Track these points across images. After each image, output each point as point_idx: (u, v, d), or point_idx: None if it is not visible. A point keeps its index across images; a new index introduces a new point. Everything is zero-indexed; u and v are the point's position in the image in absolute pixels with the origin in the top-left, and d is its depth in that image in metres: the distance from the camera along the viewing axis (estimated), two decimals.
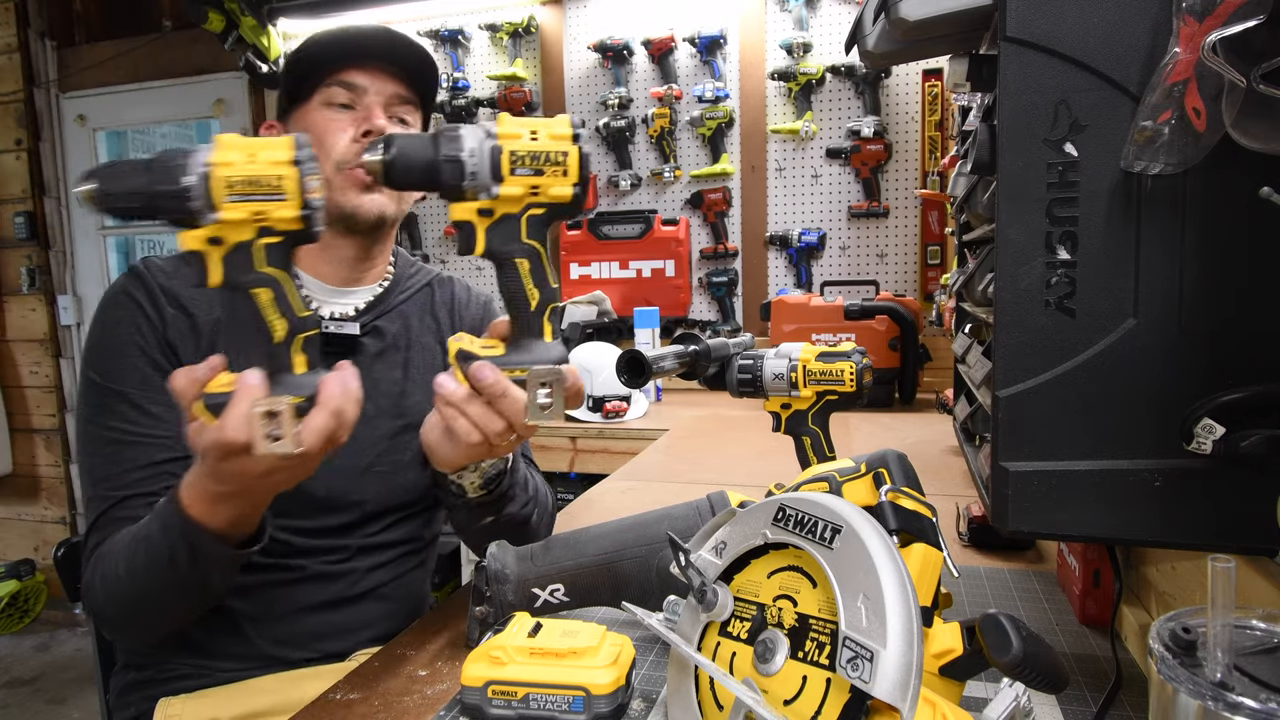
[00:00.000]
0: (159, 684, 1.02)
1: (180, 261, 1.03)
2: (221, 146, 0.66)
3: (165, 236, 4.45)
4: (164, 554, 0.82)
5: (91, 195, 0.66)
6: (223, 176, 0.65)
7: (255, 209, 0.66)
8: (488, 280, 3.26)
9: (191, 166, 0.65)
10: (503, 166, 0.71)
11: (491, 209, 0.73)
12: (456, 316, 1.19)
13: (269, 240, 0.67)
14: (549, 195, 0.73)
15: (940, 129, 2.73)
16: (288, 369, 0.70)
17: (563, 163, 0.72)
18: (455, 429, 0.77)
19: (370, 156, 0.72)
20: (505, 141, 0.71)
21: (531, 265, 0.74)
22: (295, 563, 1.03)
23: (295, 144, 0.67)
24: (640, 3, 2.98)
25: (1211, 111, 0.52)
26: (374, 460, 1.07)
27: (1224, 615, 0.44)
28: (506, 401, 0.75)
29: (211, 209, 0.65)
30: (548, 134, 0.72)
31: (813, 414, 0.98)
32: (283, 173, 0.66)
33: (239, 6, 3.05)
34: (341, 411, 0.70)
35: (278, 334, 0.69)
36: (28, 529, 3.86)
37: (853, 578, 0.52)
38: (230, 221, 0.65)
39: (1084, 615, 0.87)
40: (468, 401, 0.76)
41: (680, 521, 0.88)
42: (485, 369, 0.74)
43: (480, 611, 0.83)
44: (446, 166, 0.71)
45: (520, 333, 0.76)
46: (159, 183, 0.65)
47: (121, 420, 0.94)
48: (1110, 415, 0.60)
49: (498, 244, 0.73)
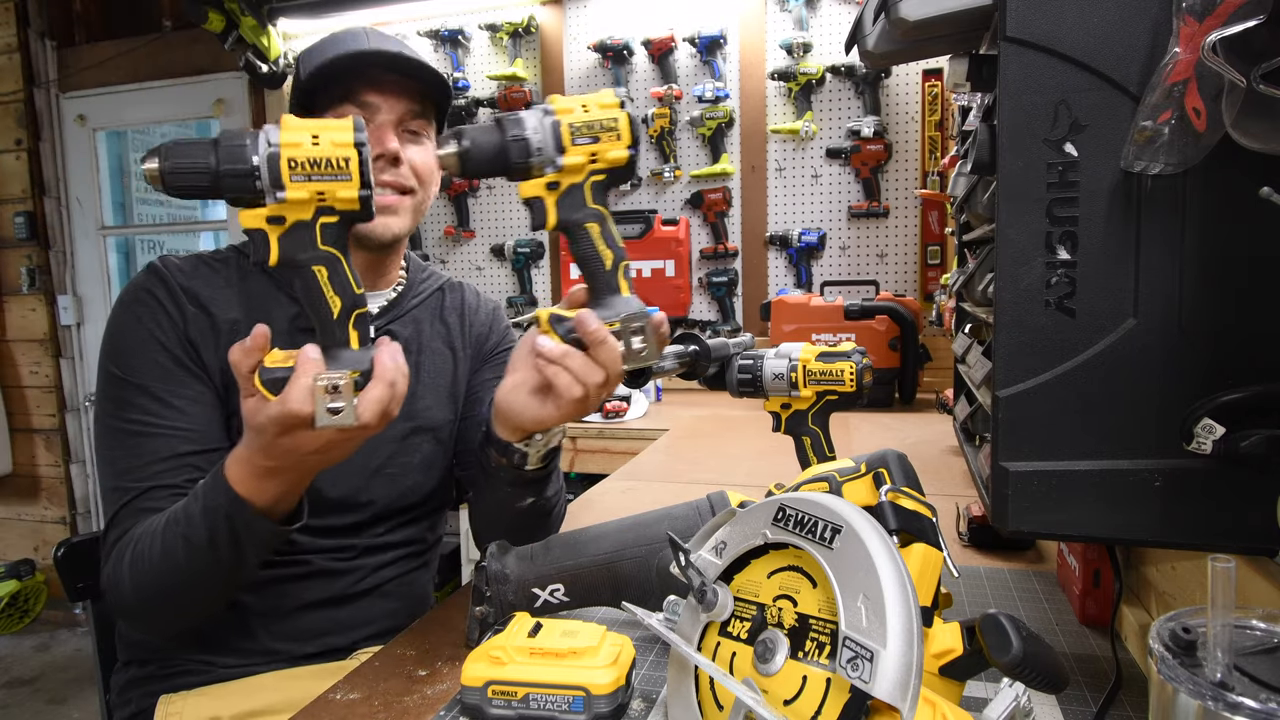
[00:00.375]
0: (160, 680, 1.02)
1: (198, 261, 1.04)
2: (287, 128, 0.69)
3: (166, 236, 4.46)
4: (204, 535, 0.83)
5: (157, 173, 0.68)
6: (290, 157, 0.67)
7: (319, 188, 0.69)
8: (492, 285, 3.27)
9: (259, 147, 0.68)
10: (564, 138, 0.77)
11: (557, 181, 0.78)
12: (466, 322, 1.20)
13: (327, 219, 0.70)
14: (607, 160, 0.79)
15: (940, 129, 2.73)
16: (344, 344, 0.73)
17: (615, 127, 0.78)
18: (558, 385, 0.80)
19: (445, 151, 0.77)
20: (562, 115, 0.78)
21: (601, 228, 0.80)
22: (302, 558, 1.04)
23: (355, 126, 0.70)
24: (640, 3, 2.98)
25: (1211, 111, 0.52)
26: (384, 462, 1.08)
27: (1224, 615, 0.44)
28: (605, 349, 0.80)
29: (279, 188, 0.68)
30: (597, 104, 0.79)
31: (813, 414, 0.98)
32: (347, 154, 0.69)
33: (239, 6, 3.05)
34: (395, 384, 0.74)
35: (335, 309, 0.72)
36: (28, 529, 3.86)
37: (853, 578, 0.52)
38: (294, 201, 0.68)
39: (1084, 615, 0.87)
40: (568, 356, 0.80)
41: (680, 521, 0.88)
42: (588, 316, 0.79)
43: (480, 611, 0.83)
44: (514, 146, 0.76)
45: (600, 291, 0.82)
46: (226, 161, 0.67)
47: (142, 413, 0.95)
48: (1110, 415, 0.60)
49: (567, 213, 0.79)
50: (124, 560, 0.90)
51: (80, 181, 3.73)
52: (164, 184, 0.68)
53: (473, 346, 1.20)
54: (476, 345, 1.20)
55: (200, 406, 0.97)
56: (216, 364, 0.99)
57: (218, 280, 1.03)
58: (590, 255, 0.81)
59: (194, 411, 0.97)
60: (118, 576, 0.90)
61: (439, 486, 1.15)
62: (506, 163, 0.77)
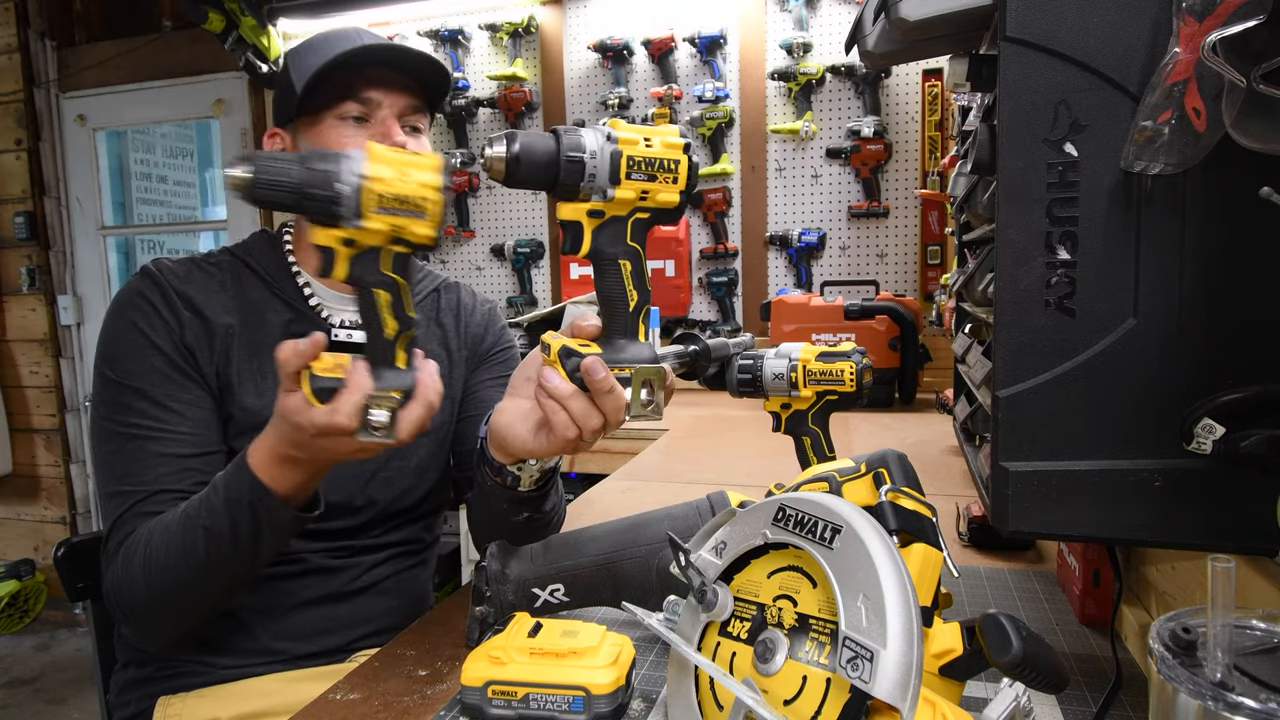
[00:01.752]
0: (159, 681, 1.02)
1: (192, 265, 1.04)
2: (375, 159, 0.68)
3: (166, 236, 4.46)
4: (226, 525, 0.84)
5: (245, 182, 0.67)
6: (375, 190, 0.67)
7: (397, 223, 0.69)
8: (492, 285, 3.27)
9: (345, 174, 0.67)
10: (620, 170, 0.73)
11: (602, 210, 0.75)
12: (462, 323, 1.20)
13: (398, 249, 0.71)
14: (656, 201, 0.75)
15: (940, 129, 2.73)
16: (390, 363, 0.74)
17: (674, 170, 0.75)
18: (554, 423, 0.78)
19: (494, 152, 0.72)
20: (625, 146, 0.73)
21: (633, 267, 0.77)
22: (298, 556, 1.04)
23: (444, 168, 0.70)
24: (640, 3, 2.98)
25: (1211, 111, 0.52)
26: (381, 466, 1.08)
27: (1224, 615, 0.44)
28: (611, 398, 0.76)
29: (358, 217, 0.68)
30: (661, 142, 0.75)
31: (813, 414, 0.98)
32: (430, 196, 0.69)
33: (239, 6, 3.05)
34: (433, 404, 0.76)
35: (389, 331, 0.73)
36: (28, 529, 3.86)
37: (853, 578, 0.52)
38: (370, 230, 0.68)
39: (1084, 615, 0.87)
40: (572, 398, 0.77)
41: (680, 521, 0.88)
42: (598, 365, 0.75)
43: (480, 611, 0.83)
44: (568, 166, 0.72)
45: (616, 332, 0.78)
46: (312, 184, 0.67)
47: (141, 417, 0.95)
48: (1110, 415, 0.60)
49: (604, 245, 0.76)
50: (134, 562, 0.89)
51: (80, 181, 3.73)
52: (250, 192, 0.67)
53: (469, 348, 1.19)
54: (473, 346, 1.20)
55: (199, 410, 0.97)
56: (212, 369, 0.98)
57: (212, 285, 1.02)
58: (615, 293, 0.77)
59: (193, 415, 0.97)
60: (128, 578, 0.90)
61: (436, 488, 1.15)
62: (555, 179, 0.72)
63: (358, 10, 3.11)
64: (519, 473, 0.88)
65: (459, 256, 3.30)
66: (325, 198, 0.67)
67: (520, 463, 0.88)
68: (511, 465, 0.88)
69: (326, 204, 0.67)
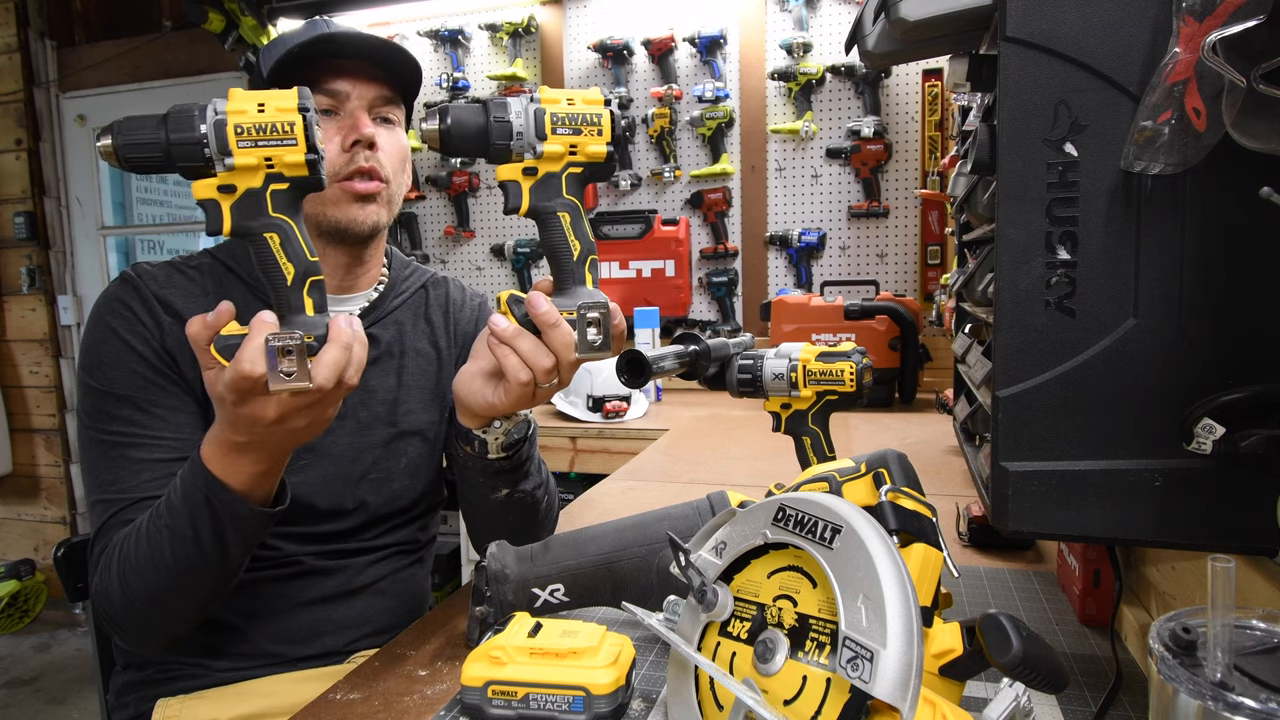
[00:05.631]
0: (157, 684, 1.02)
1: (171, 269, 1.02)
2: (234, 98, 0.71)
3: (166, 237, 4.46)
4: (186, 523, 0.82)
5: (112, 149, 0.70)
6: (236, 124, 0.69)
7: (266, 154, 0.70)
8: (492, 285, 3.26)
9: (206, 116, 0.70)
10: (545, 126, 0.79)
11: (535, 167, 0.80)
12: (451, 319, 1.18)
13: (277, 186, 0.72)
14: (586, 153, 0.81)
15: (940, 129, 2.73)
16: (299, 310, 0.74)
17: (597, 123, 0.80)
18: (506, 366, 0.80)
19: (428, 126, 0.79)
20: (547, 104, 0.80)
21: (572, 219, 0.81)
22: (292, 559, 1.03)
23: (300, 94, 0.72)
24: (640, 3, 2.97)
25: (1211, 111, 0.52)
26: (369, 468, 1.07)
27: (1224, 615, 0.44)
28: (558, 333, 0.79)
29: (226, 154, 0.69)
30: (583, 99, 0.81)
31: (813, 414, 0.97)
32: (291, 119, 0.71)
33: (239, 6, 3.06)
34: (350, 348, 0.74)
35: (289, 276, 0.73)
36: (28, 529, 3.86)
37: (853, 578, 0.52)
38: (242, 167, 0.70)
39: (1084, 615, 0.87)
40: (519, 337, 0.80)
41: (680, 521, 0.88)
42: (539, 298, 0.79)
43: (480, 611, 0.83)
44: (496, 127, 0.79)
45: (564, 281, 0.82)
46: (175, 131, 0.69)
47: (125, 424, 0.94)
48: (1110, 415, 0.60)
49: (541, 200, 0.81)
50: (110, 569, 0.88)
51: (80, 181, 3.73)
52: (119, 159, 0.70)
53: (458, 345, 1.17)
54: (462, 342, 1.18)
55: (183, 415, 0.96)
56: (195, 373, 0.97)
57: (194, 289, 1.00)
58: (559, 244, 0.82)
59: (177, 420, 0.95)
60: (105, 585, 0.89)
61: (428, 489, 1.14)
62: (487, 143, 0.79)
63: (358, 10, 3.11)
64: (484, 436, 0.89)
65: (459, 256, 3.30)
66: (190, 141, 0.69)
67: (485, 426, 0.89)
68: (478, 429, 0.89)
69: (193, 148, 0.69)
